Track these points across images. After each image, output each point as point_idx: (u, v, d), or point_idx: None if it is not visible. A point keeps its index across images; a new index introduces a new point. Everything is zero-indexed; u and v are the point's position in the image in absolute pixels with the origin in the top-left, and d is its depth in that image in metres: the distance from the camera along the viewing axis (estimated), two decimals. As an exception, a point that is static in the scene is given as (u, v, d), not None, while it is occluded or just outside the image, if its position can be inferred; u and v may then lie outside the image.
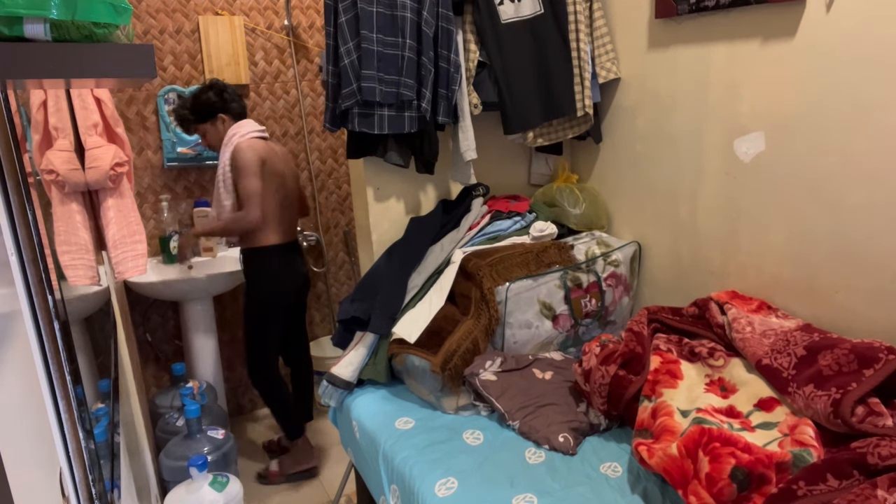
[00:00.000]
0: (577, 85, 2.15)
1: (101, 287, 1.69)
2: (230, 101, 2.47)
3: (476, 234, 2.13)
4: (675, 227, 2.04)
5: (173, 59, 2.77)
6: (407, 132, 2.01)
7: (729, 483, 1.20)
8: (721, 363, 1.61)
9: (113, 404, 1.40)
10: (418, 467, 1.54)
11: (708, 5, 1.76)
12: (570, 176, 2.37)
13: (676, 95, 1.95)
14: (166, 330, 2.94)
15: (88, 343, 1.28)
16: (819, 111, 1.58)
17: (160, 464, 2.20)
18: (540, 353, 1.96)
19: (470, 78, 2.07)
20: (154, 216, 2.83)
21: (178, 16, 2.75)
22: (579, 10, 2.11)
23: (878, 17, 1.43)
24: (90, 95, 1.79)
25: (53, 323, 0.80)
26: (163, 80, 2.76)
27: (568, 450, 1.57)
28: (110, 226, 1.85)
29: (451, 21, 1.99)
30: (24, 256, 0.76)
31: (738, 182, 1.80)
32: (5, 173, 0.74)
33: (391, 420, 1.76)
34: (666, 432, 1.39)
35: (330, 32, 1.93)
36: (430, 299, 1.94)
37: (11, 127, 0.82)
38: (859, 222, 1.54)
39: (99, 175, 1.78)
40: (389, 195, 2.23)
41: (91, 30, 0.73)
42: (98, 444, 1.01)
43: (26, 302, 0.76)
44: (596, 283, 2.04)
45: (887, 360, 1.30)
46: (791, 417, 1.40)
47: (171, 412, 2.49)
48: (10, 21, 0.68)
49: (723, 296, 1.77)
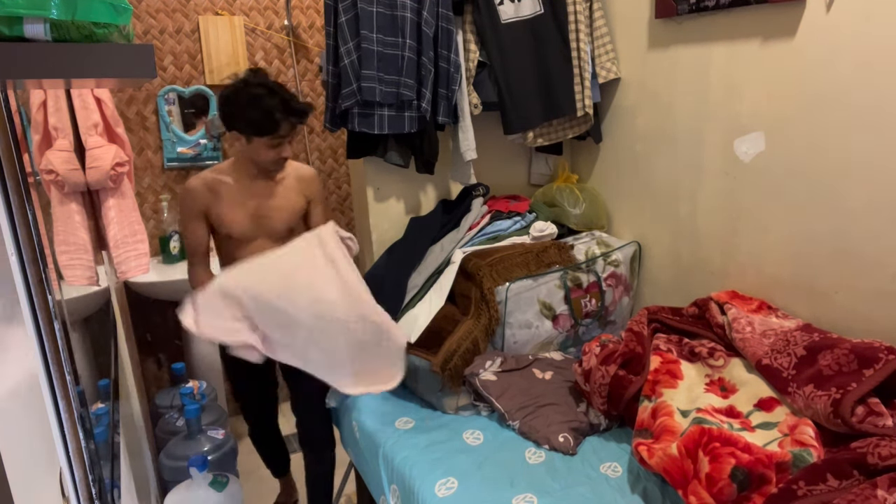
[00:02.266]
0: (577, 85, 2.15)
1: (100, 287, 1.69)
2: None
3: (476, 234, 2.13)
4: (675, 227, 2.04)
5: (173, 59, 2.77)
6: (407, 132, 2.01)
7: (729, 483, 1.20)
8: (721, 363, 1.61)
9: (113, 404, 1.40)
10: (418, 467, 1.54)
11: (708, 5, 1.76)
12: (570, 176, 2.37)
13: (676, 95, 1.95)
14: (166, 330, 2.93)
15: (88, 343, 1.28)
16: (819, 111, 1.57)
17: (160, 464, 2.20)
18: (540, 353, 1.96)
19: (470, 78, 2.07)
20: (154, 216, 2.83)
21: (178, 16, 2.75)
22: (579, 10, 2.11)
23: (877, 18, 1.43)
24: (90, 95, 1.79)
25: (53, 323, 0.80)
26: (163, 80, 2.76)
27: (568, 450, 1.57)
28: (111, 226, 1.85)
29: (451, 21, 1.99)
30: (24, 256, 0.76)
31: (738, 182, 1.80)
32: (5, 173, 0.74)
33: (391, 420, 1.76)
34: (666, 432, 1.39)
35: (330, 32, 1.93)
36: (430, 299, 1.94)
37: (11, 127, 0.82)
38: (859, 222, 1.54)
39: (100, 175, 1.78)
40: (389, 195, 2.23)
41: (91, 30, 0.73)
42: (98, 444, 1.01)
43: (26, 302, 0.76)
44: (596, 283, 2.04)
45: (887, 360, 1.30)
46: (791, 417, 1.40)
47: (171, 412, 2.49)
48: (10, 21, 0.68)
49: (723, 296, 1.77)
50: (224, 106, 1.74)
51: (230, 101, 1.72)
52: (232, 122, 1.74)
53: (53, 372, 0.79)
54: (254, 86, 1.71)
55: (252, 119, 1.70)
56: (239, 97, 1.71)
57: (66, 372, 0.81)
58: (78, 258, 1.51)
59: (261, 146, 1.75)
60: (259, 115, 1.69)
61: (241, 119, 1.72)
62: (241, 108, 1.70)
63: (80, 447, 0.82)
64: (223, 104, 1.74)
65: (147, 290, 2.64)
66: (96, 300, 1.65)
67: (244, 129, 1.74)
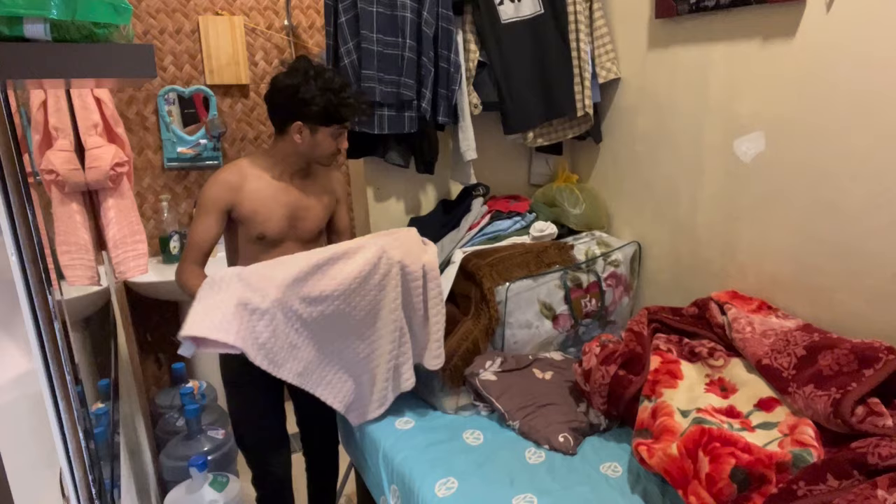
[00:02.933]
0: (577, 85, 2.15)
1: (101, 287, 1.69)
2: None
3: (476, 234, 2.13)
4: (675, 227, 2.04)
5: (173, 59, 2.77)
6: (407, 132, 2.01)
7: (729, 483, 1.20)
8: (721, 363, 1.61)
9: (113, 404, 1.41)
10: (418, 467, 1.54)
11: (708, 5, 1.76)
12: (570, 176, 2.37)
13: (676, 95, 1.95)
14: (166, 330, 2.93)
15: (88, 343, 1.28)
16: (819, 111, 1.57)
17: (160, 464, 2.20)
18: (540, 353, 1.96)
19: (470, 78, 2.07)
20: (154, 216, 2.83)
21: (178, 16, 2.75)
22: (579, 10, 2.11)
23: (877, 17, 1.43)
24: (90, 95, 1.79)
25: (53, 323, 0.80)
26: (163, 80, 2.76)
27: (568, 450, 1.57)
28: (111, 226, 1.85)
29: (451, 21, 1.99)
30: (24, 256, 0.76)
31: (738, 182, 1.80)
32: (5, 173, 0.74)
33: (391, 420, 1.76)
34: (666, 432, 1.39)
35: (330, 32, 1.93)
36: (430, 299, 1.94)
37: (11, 127, 0.82)
38: (859, 222, 1.53)
39: (99, 175, 1.78)
40: (389, 195, 2.23)
41: (91, 30, 0.73)
42: (98, 444, 1.01)
43: (26, 302, 0.76)
44: (596, 283, 2.04)
45: (887, 360, 1.30)
46: (791, 417, 1.40)
47: (171, 412, 2.49)
48: (10, 21, 0.68)
49: (723, 296, 1.77)
50: (292, 95, 1.62)
51: (298, 90, 1.61)
52: (299, 112, 1.64)
53: (53, 372, 0.79)
54: (325, 71, 1.65)
55: (329, 106, 1.62)
56: (311, 84, 1.61)
57: (66, 372, 0.81)
58: (79, 258, 1.51)
59: (326, 137, 1.68)
60: (336, 102, 1.63)
61: (315, 107, 1.62)
62: (316, 96, 1.61)
63: (80, 447, 0.82)
64: (291, 93, 1.63)
65: (147, 290, 2.64)
66: (96, 300, 1.65)
67: (315, 118, 1.64)
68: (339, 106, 1.64)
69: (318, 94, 1.61)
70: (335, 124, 1.67)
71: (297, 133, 1.67)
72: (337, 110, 1.64)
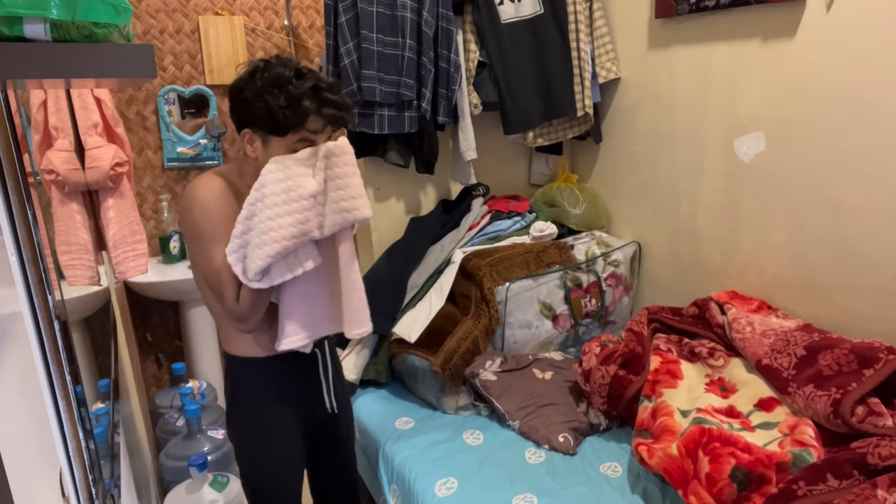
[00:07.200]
0: (577, 85, 2.15)
1: (101, 287, 1.69)
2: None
3: (476, 234, 2.13)
4: (675, 227, 2.04)
5: (173, 59, 2.77)
6: (407, 132, 2.01)
7: (729, 483, 1.20)
8: (721, 363, 1.61)
9: (113, 404, 1.40)
10: (418, 467, 1.54)
11: (708, 5, 1.76)
12: (570, 176, 2.37)
13: (676, 95, 1.95)
14: (166, 330, 2.93)
15: (88, 343, 1.28)
16: (819, 111, 1.57)
17: (160, 464, 2.20)
18: (540, 353, 1.96)
19: (470, 78, 2.07)
20: (154, 216, 2.83)
21: (178, 16, 2.75)
22: (579, 10, 2.11)
23: (877, 17, 1.43)
24: (90, 95, 1.78)
25: (53, 323, 0.80)
26: (163, 80, 2.76)
27: (568, 450, 1.57)
28: (111, 226, 1.85)
29: (451, 21, 1.99)
30: (24, 256, 0.76)
31: (738, 182, 1.80)
32: (5, 173, 0.74)
33: (391, 420, 1.76)
34: (666, 432, 1.39)
35: (330, 32, 1.93)
36: (430, 299, 1.94)
37: (11, 127, 0.82)
38: (859, 222, 1.53)
39: (99, 175, 1.77)
40: (389, 195, 2.23)
41: (91, 30, 0.73)
42: (98, 444, 1.01)
43: (26, 302, 0.76)
44: (596, 283, 2.04)
45: (887, 360, 1.30)
46: (791, 417, 1.40)
47: (171, 412, 2.49)
48: (10, 21, 0.68)
49: (723, 296, 1.77)
50: (235, 95, 1.26)
51: (241, 89, 1.24)
52: (247, 117, 1.25)
53: (53, 372, 0.79)
54: (274, 67, 1.23)
55: (270, 109, 1.20)
56: (253, 82, 1.22)
57: (66, 372, 0.81)
58: (79, 258, 1.51)
59: (282, 150, 1.24)
60: (285, 104, 1.20)
61: (257, 109, 1.22)
62: (257, 95, 1.21)
63: (80, 447, 0.82)
64: (234, 94, 1.26)
65: (147, 290, 2.64)
66: (96, 300, 1.65)
67: (263, 125, 1.23)
68: (290, 108, 1.20)
69: (260, 94, 1.21)
70: (290, 133, 1.23)
71: (248, 143, 1.27)
72: (289, 114, 1.21)
